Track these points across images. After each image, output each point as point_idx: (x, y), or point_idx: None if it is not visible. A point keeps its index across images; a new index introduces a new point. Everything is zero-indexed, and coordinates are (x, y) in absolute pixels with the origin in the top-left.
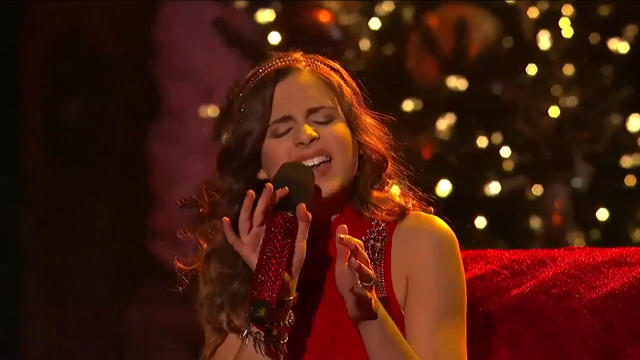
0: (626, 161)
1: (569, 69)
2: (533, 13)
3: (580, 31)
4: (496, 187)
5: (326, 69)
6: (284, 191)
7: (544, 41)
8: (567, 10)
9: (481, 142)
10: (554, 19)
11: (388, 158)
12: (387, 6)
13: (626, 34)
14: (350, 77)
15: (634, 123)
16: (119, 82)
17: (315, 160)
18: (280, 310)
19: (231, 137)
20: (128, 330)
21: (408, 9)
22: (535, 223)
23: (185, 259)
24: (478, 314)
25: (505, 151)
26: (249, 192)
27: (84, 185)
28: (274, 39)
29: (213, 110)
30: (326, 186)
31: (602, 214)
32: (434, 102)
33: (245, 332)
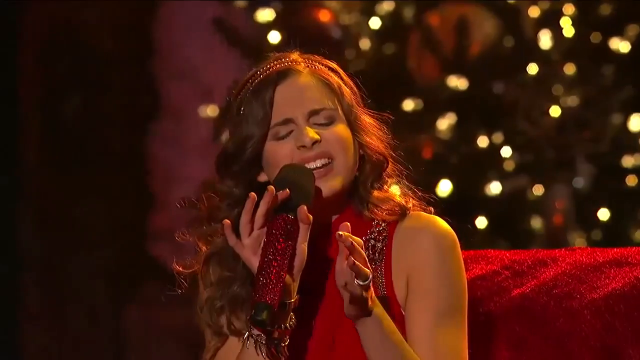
0: (627, 161)
1: (570, 69)
2: (534, 12)
3: (582, 30)
4: (497, 187)
5: (325, 69)
6: (285, 193)
7: (545, 40)
8: (568, 9)
9: (482, 142)
10: (555, 18)
11: (388, 158)
12: (388, 5)
13: (627, 34)
14: (348, 76)
15: (635, 123)
16: (118, 81)
17: (318, 163)
18: (282, 313)
19: (231, 140)
20: (127, 331)
21: (408, 8)
22: (536, 223)
23: (184, 262)
24: (479, 314)
25: (506, 151)
26: (250, 195)
27: (82, 186)
28: (274, 38)
29: (213, 110)
30: (327, 187)
31: (603, 214)
32: (434, 101)
33: (246, 334)
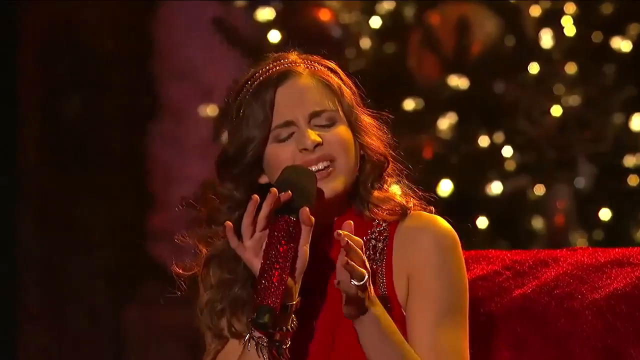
0: (629, 161)
1: (571, 68)
2: (535, 11)
3: (583, 30)
4: (498, 187)
5: (325, 70)
6: (287, 195)
7: (546, 40)
8: (570, 8)
9: (483, 142)
10: (557, 17)
11: (389, 158)
12: (388, 5)
13: (629, 33)
14: (347, 76)
15: (637, 122)
16: (118, 81)
17: (320, 166)
18: (283, 316)
19: (231, 143)
20: (127, 331)
21: (409, 8)
22: (537, 223)
23: (183, 264)
24: (480, 314)
25: (507, 151)
26: (253, 197)
27: (82, 186)
28: (274, 37)
29: (212, 110)
30: (329, 188)
31: (605, 214)
32: (435, 101)
33: (247, 336)
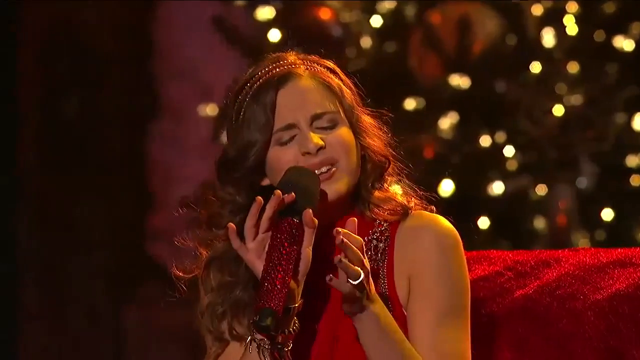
0: (631, 160)
1: (573, 67)
2: (537, 10)
3: (585, 29)
4: (499, 186)
5: (324, 71)
6: (290, 197)
7: (548, 39)
8: (572, 7)
9: (484, 141)
10: (559, 16)
11: (390, 159)
12: (389, 4)
13: (631, 32)
14: (346, 75)
15: (639, 122)
16: (117, 81)
17: (323, 169)
18: (286, 318)
19: (232, 146)
20: (126, 331)
21: (410, 7)
22: (539, 223)
23: (183, 266)
24: (481, 315)
25: (508, 150)
26: (257, 199)
27: (82, 186)
28: (274, 36)
29: (212, 109)
30: (332, 190)
31: (607, 214)
32: (436, 100)
33: (249, 339)
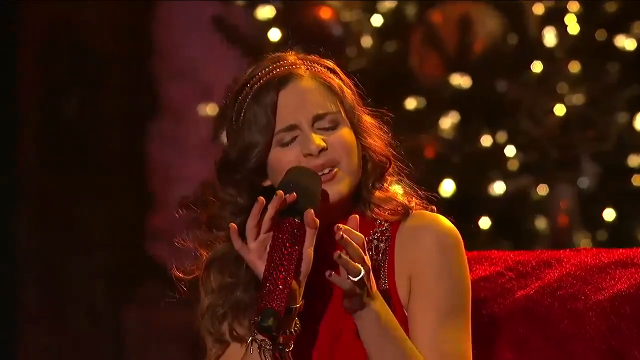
0: (633, 160)
1: (575, 67)
2: (538, 9)
3: (587, 28)
4: (501, 186)
5: (325, 71)
6: (292, 197)
7: (549, 38)
8: (573, 6)
9: (485, 141)
10: (560, 15)
11: (391, 159)
12: (390, 3)
13: (633, 31)
14: (346, 75)
15: None
16: (117, 81)
17: (325, 170)
18: (287, 319)
19: (233, 148)
20: (126, 331)
21: (411, 6)
22: (540, 223)
23: (184, 267)
24: (482, 315)
25: (509, 150)
26: (259, 199)
27: (82, 186)
28: (274, 36)
29: (212, 109)
30: (334, 191)
31: (608, 214)
32: (437, 100)
33: (249, 339)
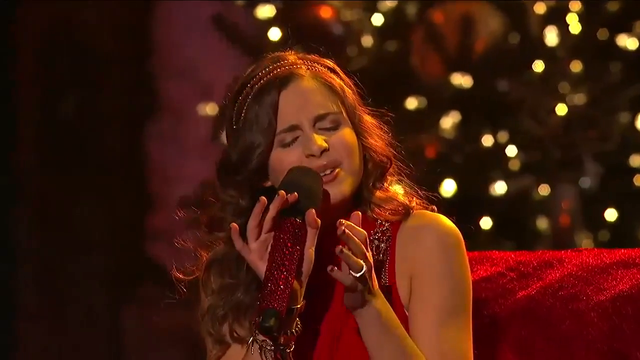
0: (636, 160)
1: (576, 66)
2: (540, 8)
3: (588, 27)
4: (502, 186)
5: (325, 71)
6: (293, 197)
7: (551, 37)
8: (575, 5)
9: (487, 141)
10: (562, 14)
11: (392, 159)
12: (390, 2)
13: (635, 30)
14: (346, 74)
15: None
16: (117, 80)
17: (327, 171)
18: (288, 319)
19: (234, 149)
20: (125, 332)
21: (411, 5)
22: (542, 224)
23: (183, 268)
24: (483, 316)
25: (511, 150)
26: (261, 199)
27: (81, 186)
28: (274, 35)
29: (212, 109)
30: (336, 192)
31: (610, 214)
32: (438, 99)
33: (250, 339)
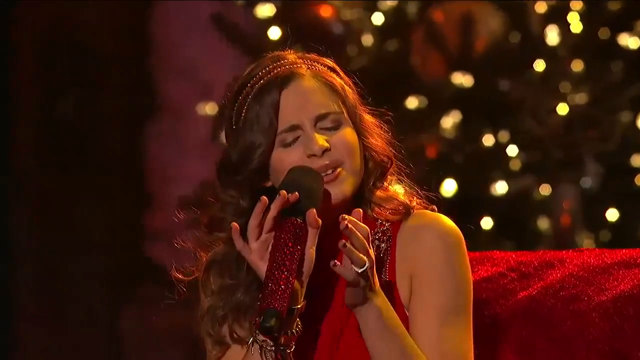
0: (637, 160)
1: (578, 65)
2: (541, 7)
3: (590, 26)
4: (503, 186)
5: (326, 70)
6: (294, 196)
7: (552, 36)
8: (576, 4)
9: (487, 141)
10: (563, 13)
11: (392, 159)
12: (391, 1)
13: (637, 29)
14: (345, 73)
15: None
16: (116, 80)
17: (329, 171)
18: (289, 319)
19: (234, 149)
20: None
21: (412, 4)
22: (543, 224)
23: (183, 269)
24: (484, 316)
25: (512, 150)
26: (262, 199)
27: (80, 186)
28: (274, 34)
29: (211, 108)
30: (338, 191)
31: (612, 214)
32: (438, 99)
33: (250, 340)
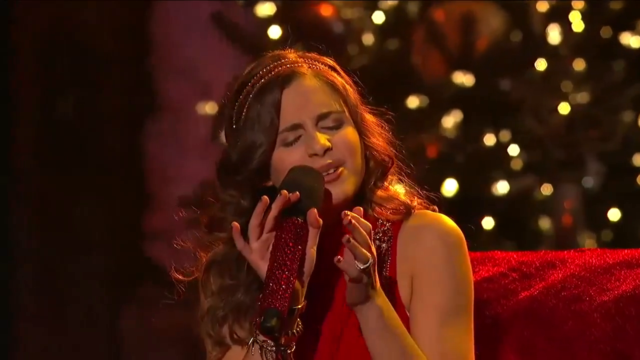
0: (639, 160)
1: (579, 64)
2: (542, 6)
3: (591, 25)
4: (504, 186)
5: (327, 69)
6: (295, 196)
7: (553, 35)
8: (578, 3)
9: (488, 140)
10: (564, 12)
11: (393, 158)
12: (392, 0)
13: (638, 28)
14: (346, 73)
15: None
16: (116, 80)
17: (330, 170)
18: (290, 319)
19: (234, 148)
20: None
21: (413, 3)
22: (544, 224)
23: (183, 269)
24: (485, 317)
25: (513, 149)
26: (263, 198)
27: (80, 186)
28: (274, 33)
29: (211, 108)
30: (339, 191)
31: (613, 214)
32: (439, 98)
33: (251, 340)
